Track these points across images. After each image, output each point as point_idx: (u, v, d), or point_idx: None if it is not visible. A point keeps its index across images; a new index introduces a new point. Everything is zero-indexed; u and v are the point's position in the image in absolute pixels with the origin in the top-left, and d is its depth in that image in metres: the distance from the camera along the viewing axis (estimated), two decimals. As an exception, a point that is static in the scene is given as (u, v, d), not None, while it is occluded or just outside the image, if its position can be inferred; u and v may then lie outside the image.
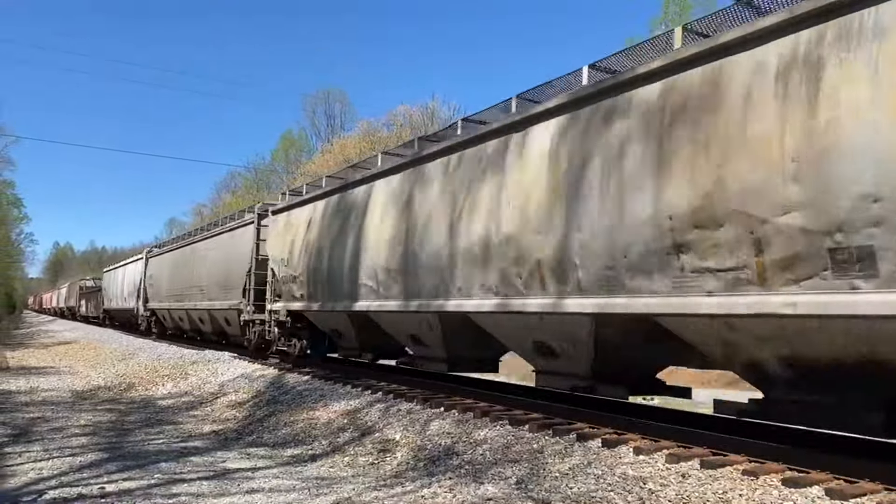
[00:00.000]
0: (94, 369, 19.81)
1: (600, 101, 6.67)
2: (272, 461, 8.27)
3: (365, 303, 10.91)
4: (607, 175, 6.43)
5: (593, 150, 6.63)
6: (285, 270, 14.20)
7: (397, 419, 9.00)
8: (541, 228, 7.16)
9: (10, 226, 54.53)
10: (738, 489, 5.28)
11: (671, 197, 5.76)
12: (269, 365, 15.21)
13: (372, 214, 10.81)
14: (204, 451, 8.83)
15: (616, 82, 6.52)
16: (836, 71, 4.68)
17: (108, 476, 7.23)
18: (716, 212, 5.40)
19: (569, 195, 6.84)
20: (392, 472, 7.36)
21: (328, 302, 12.32)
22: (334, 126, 56.19)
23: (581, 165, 6.73)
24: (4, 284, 57.00)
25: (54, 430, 10.24)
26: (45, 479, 7.16)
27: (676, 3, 32.21)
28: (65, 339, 34.68)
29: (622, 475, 5.90)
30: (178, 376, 16.28)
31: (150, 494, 6.48)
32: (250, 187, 57.57)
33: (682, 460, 5.96)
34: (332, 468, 7.79)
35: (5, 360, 23.18)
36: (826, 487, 5.03)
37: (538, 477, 6.24)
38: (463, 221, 8.40)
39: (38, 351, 27.84)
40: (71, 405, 13.12)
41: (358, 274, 11.03)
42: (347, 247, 11.43)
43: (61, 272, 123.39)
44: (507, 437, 7.40)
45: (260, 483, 6.99)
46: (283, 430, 10.00)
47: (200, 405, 12.99)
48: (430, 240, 9.10)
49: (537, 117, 7.51)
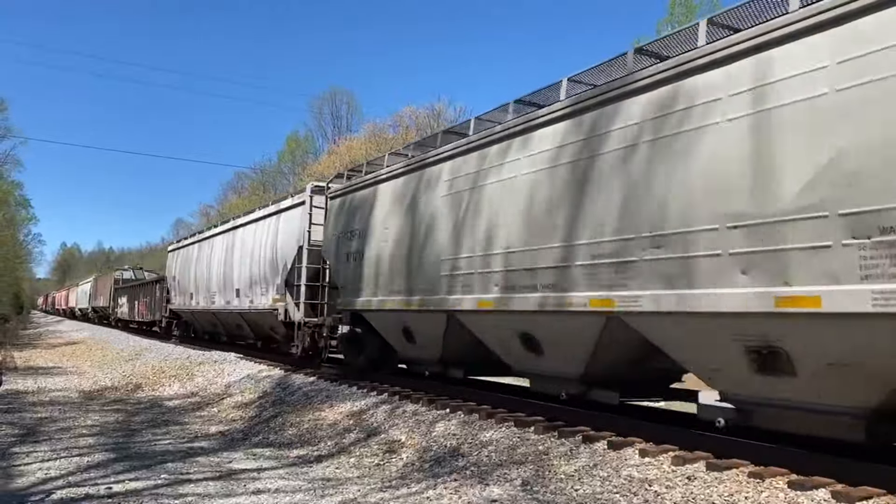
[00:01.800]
0: (101, 370, 19.90)
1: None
2: (278, 462, 8.30)
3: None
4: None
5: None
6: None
7: (403, 420, 9.01)
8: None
9: (19, 226, 54.76)
10: (744, 492, 5.27)
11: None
12: (274, 365, 15.24)
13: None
14: (210, 452, 8.86)
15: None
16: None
17: (115, 476, 7.27)
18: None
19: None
20: (397, 473, 7.37)
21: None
22: (340, 127, 56.32)
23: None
24: (12, 285, 55.95)
25: (62, 431, 10.30)
26: (53, 478, 7.21)
27: (683, 5, 32.15)
28: (72, 339, 34.82)
29: (628, 477, 5.90)
30: (185, 377, 16.34)
31: (156, 495, 6.51)
32: (256, 188, 57.72)
33: (688, 462, 5.95)
34: (337, 469, 7.81)
35: (13, 360, 23.30)
36: (832, 490, 5.03)
37: (543, 479, 6.24)
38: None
39: (46, 351, 27.97)
40: (78, 405, 13.18)
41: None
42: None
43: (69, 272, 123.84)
44: (513, 439, 7.41)
45: (266, 484, 7.01)
46: (289, 431, 10.03)
47: (207, 406, 13.04)
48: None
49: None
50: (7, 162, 45.79)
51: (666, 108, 6.23)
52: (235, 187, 64.97)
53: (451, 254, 9.15)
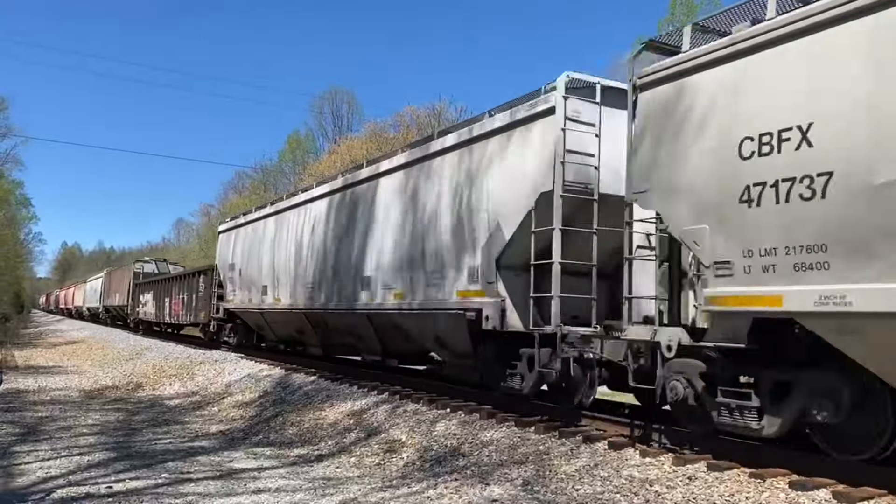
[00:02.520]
0: (102, 369, 19.91)
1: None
2: (279, 461, 8.30)
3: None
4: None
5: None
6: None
7: (403, 420, 9.01)
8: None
9: (19, 225, 54.75)
10: (744, 492, 5.27)
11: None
12: (275, 364, 15.24)
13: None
14: (211, 451, 8.86)
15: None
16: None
17: (115, 475, 7.27)
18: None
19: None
20: (398, 472, 7.37)
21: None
22: (341, 126, 56.15)
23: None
24: (13, 284, 55.72)
25: (62, 430, 10.30)
26: (54, 477, 7.21)
27: (684, 4, 32.10)
28: (72, 338, 34.82)
29: (629, 477, 5.90)
30: (186, 376, 16.34)
31: (157, 494, 6.51)
32: (257, 188, 57.62)
33: (689, 463, 5.95)
34: (338, 468, 7.81)
35: (14, 359, 23.31)
36: (833, 490, 5.03)
37: (544, 478, 6.24)
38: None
39: (46, 350, 27.98)
40: (79, 404, 13.19)
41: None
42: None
43: (69, 272, 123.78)
44: (513, 439, 7.40)
45: (266, 483, 7.01)
46: (289, 431, 10.03)
47: (207, 405, 13.04)
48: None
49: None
50: (8, 161, 45.81)
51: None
52: (236, 187, 64.82)
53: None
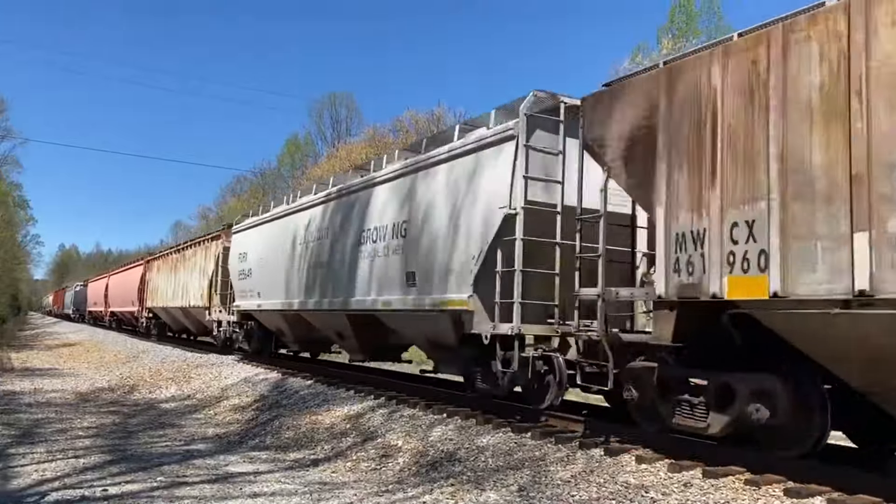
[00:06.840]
0: (98, 371, 19.88)
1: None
2: (275, 465, 8.29)
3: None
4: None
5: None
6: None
7: (399, 424, 9.00)
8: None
9: (17, 227, 54.66)
10: (740, 499, 5.27)
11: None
12: (271, 368, 15.22)
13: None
14: (207, 455, 8.85)
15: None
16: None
17: (111, 478, 7.26)
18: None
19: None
20: (394, 477, 7.36)
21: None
22: (340, 131, 56.18)
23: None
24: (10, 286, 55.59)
25: (58, 432, 10.28)
26: (49, 480, 7.19)
27: (683, 12, 32.22)
28: (69, 340, 34.77)
29: (624, 483, 5.90)
30: (182, 379, 16.32)
31: (152, 497, 6.50)
32: (256, 191, 57.61)
33: (684, 469, 5.95)
34: (334, 473, 7.80)
35: (10, 361, 23.25)
36: (829, 498, 5.03)
37: (540, 484, 6.24)
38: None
39: (43, 352, 27.92)
40: (75, 407, 13.16)
41: None
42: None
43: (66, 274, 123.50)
44: (510, 444, 7.40)
45: (262, 487, 7.01)
46: (285, 435, 10.01)
47: (203, 408, 13.02)
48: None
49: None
50: (6, 163, 45.79)
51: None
52: (234, 190, 64.86)
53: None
